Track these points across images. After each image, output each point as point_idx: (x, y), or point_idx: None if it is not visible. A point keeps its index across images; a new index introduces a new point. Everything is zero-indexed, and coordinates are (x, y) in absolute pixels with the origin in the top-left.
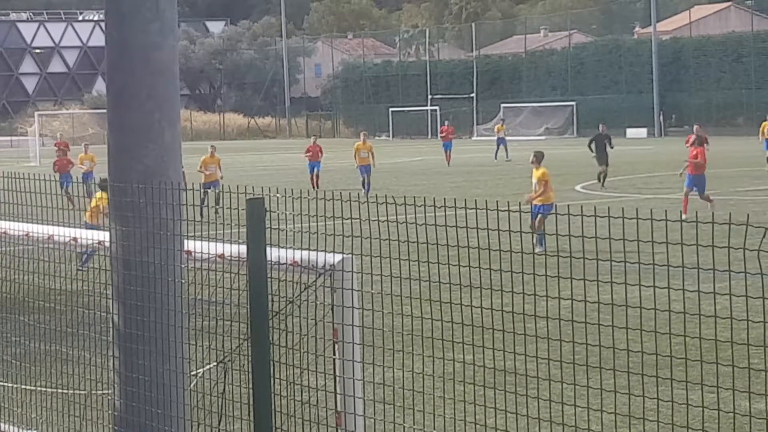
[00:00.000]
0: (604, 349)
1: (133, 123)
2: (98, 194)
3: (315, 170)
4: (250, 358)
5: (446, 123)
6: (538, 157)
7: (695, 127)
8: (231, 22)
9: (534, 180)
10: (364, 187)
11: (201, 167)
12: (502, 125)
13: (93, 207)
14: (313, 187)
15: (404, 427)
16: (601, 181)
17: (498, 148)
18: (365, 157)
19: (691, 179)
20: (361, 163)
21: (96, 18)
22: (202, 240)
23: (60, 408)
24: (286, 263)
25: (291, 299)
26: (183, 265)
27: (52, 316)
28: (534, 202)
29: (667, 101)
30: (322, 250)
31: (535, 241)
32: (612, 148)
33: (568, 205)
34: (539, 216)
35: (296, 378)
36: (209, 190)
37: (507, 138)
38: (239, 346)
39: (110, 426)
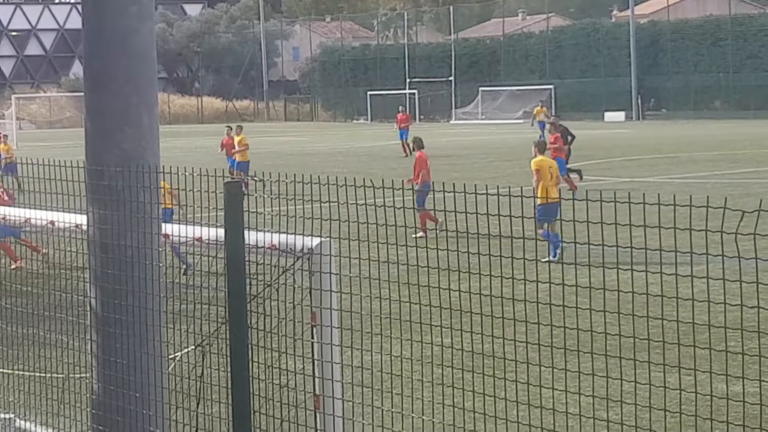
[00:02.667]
0: (581, 332)
1: (111, 107)
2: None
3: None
4: (228, 342)
5: (401, 109)
6: (540, 147)
7: (553, 117)
8: (208, 5)
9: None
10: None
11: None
12: (541, 107)
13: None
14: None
15: (382, 410)
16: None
17: (543, 132)
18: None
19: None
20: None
21: (73, 1)
22: (179, 223)
23: (37, 392)
24: (264, 247)
25: (269, 283)
26: (161, 249)
27: (29, 300)
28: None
29: (645, 85)
30: (300, 234)
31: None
32: (572, 141)
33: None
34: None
35: (274, 361)
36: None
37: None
38: (217, 329)
39: (88, 409)
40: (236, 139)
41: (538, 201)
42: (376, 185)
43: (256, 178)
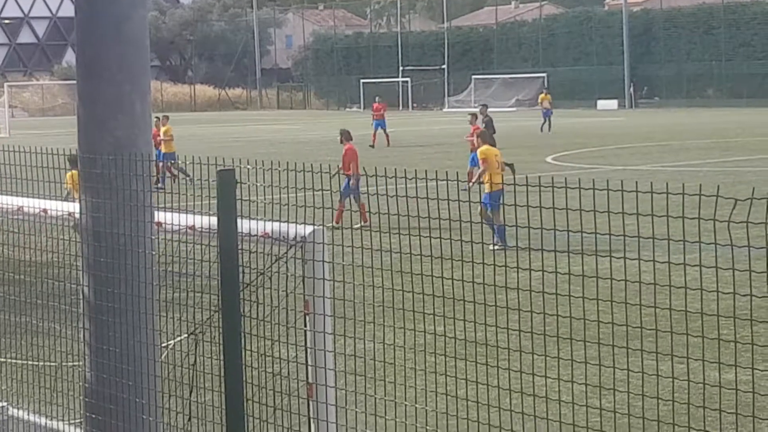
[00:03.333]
0: (574, 320)
1: (104, 94)
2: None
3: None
4: (220, 330)
5: (377, 99)
6: (483, 137)
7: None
8: None
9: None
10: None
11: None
12: (546, 93)
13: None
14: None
15: (375, 398)
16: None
17: (544, 121)
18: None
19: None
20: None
21: None
22: (172, 211)
23: (30, 380)
24: (256, 235)
25: (262, 271)
26: (153, 237)
27: (21, 288)
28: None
29: (637, 73)
30: (293, 222)
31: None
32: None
33: (539, 177)
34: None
35: (267, 350)
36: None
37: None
38: (210, 317)
39: (81, 398)
40: (162, 129)
41: (486, 189)
42: (369, 173)
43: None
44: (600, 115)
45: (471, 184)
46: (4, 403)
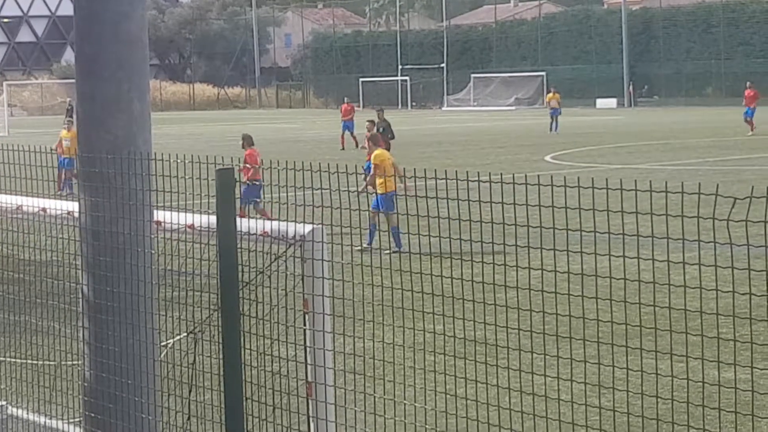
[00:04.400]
0: (573, 318)
1: (103, 93)
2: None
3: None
4: (220, 329)
5: (346, 100)
6: (374, 140)
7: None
8: None
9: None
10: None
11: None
12: (554, 93)
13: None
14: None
15: (374, 397)
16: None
17: (552, 120)
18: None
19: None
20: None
21: None
22: (171, 210)
23: (29, 379)
24: (256, 233)
25: (261, 270)
26: (153, 236)
27: (21, 287)
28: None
29: (636, 72)
30: (292, 221)
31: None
32: (393, 138)
33: (539, 176)
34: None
35: (266, 348)
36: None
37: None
38: (209, 316)
39: (80, 396)
40: (67, 134)
41: (379, 190)
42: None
43: (248, 165)
44: (599, 114)
45: (361, 189)
46: (4, 402)
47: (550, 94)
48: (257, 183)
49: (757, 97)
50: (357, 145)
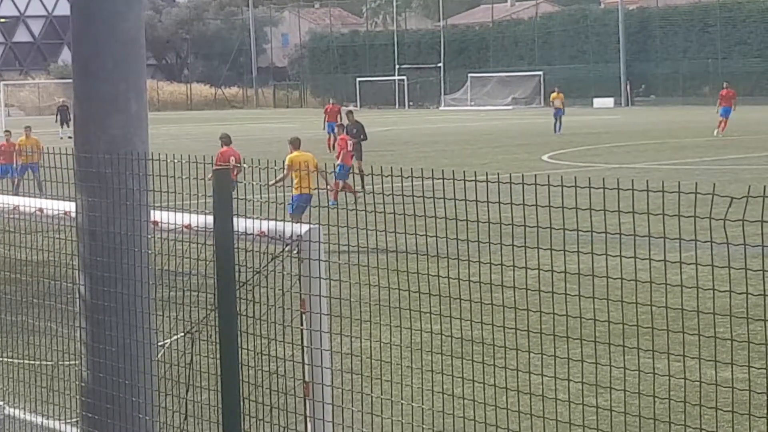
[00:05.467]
0: (570, 318)
1: (99, 93)
2: None
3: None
4: (217, 329)
5: (331, 101)
6: (294, 144)
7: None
8: None
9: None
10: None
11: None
12: (558, 92)
13: None
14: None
15: (372, 397)
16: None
17: (556, 120)
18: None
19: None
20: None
21: None
22: (168, 210)
23: (26, 379)
24: (253, 234)
25: (258, 270)
26: (150, 236)
27: (18, 287)
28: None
29: (633, 71)
30: (289, 221)
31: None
32: (365, 140)
33: (536, 175)
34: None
35: (264, 348)
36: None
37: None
38: (206, 316)
39: (77, 397)
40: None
41: (294, 191)
42: (365, 172)
43: (245, 165)
44: (596, 113)
45: (270, 184)
46: (1, 402)
47: (554, 94)
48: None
49: (733, 97)
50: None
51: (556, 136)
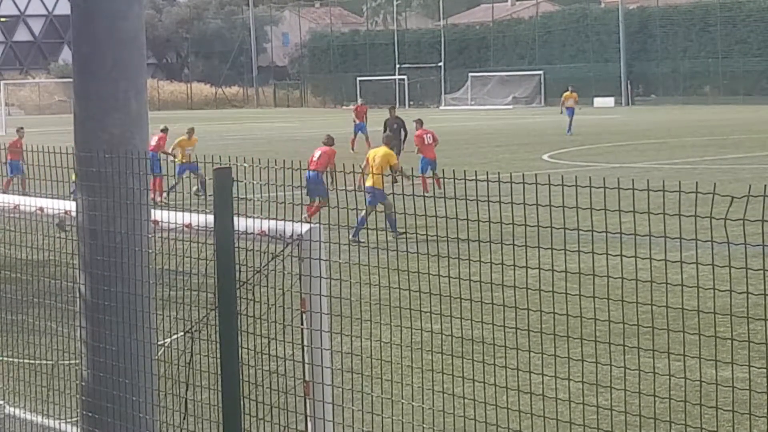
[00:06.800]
0: (571, 318)
1: (99, 91)
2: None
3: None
4: (217, 328)
5: (360, 101)
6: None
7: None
8: None
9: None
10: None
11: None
12: (571, 92)
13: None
14: None
15: (372, 396)
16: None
17: (571, 120)
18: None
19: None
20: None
21: None
22: (168, 209)
23: (27, 378)
24: (253, 233)
25: (258, 269)
26: (150, 235)
27: (18, 286)
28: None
29: (634, 70)
30: (289, 220)
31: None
32: (406, 135)
33: (536, 174)
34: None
35: (264, 347)
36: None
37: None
38: (206, 315)
39: (77, 396)
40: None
41: (368, 183)
42: (366, 171)
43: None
44: (596, 113)
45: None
46: (1, 402)
47: (567, 93)
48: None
49: None
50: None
51: (552, 134)
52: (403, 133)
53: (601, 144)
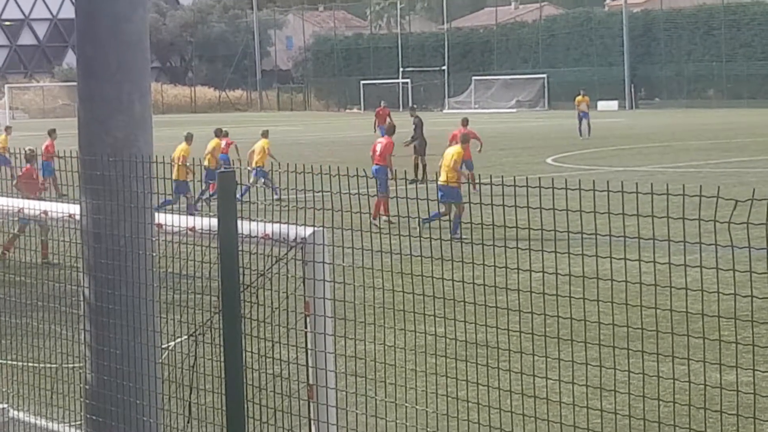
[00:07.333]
0: (575, 321)
1: (103, 94)
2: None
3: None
4: (221, 332)
5: (383, 103)
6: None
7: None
8: None
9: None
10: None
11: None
12: (583, 95)
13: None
14: None
15: (376, 399)
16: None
17: (581, 123)
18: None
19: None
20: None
21: None
22: (173, 213)
23: (31, 382)
24: (257, 236)
25: (262, 272)
26: (154, 239)
27: (22, 290)
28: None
29: (638, 74)
30: (293, 223)
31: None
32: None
33: (540, 178)
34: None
35: (267, 351)
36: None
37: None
38: (210, 319)
39: (81, 399)
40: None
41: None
42: (369, 175)
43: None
44: (600, 116)
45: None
46: (5, 405)
47: (579, 97)
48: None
49: None
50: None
51: (548, 137)
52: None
53: (605, 147)
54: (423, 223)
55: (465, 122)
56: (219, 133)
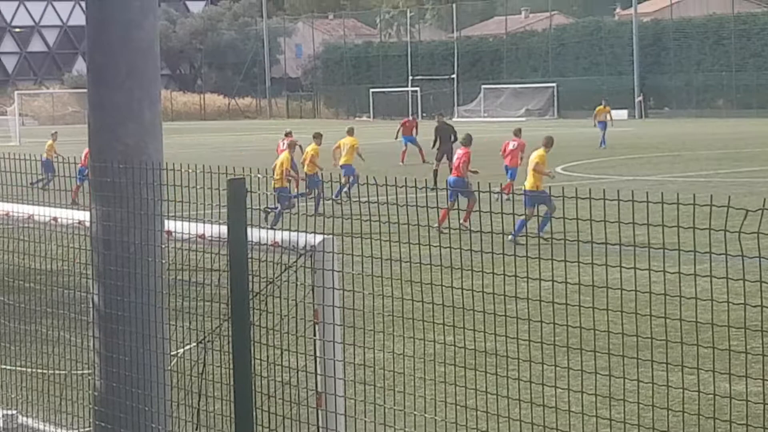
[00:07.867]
0: (584, 330)
1: (113, 101)
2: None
3: None
4: (230, 339)
5: (411, 115)
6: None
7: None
8: (211, 2)
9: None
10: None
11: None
12: (605, 106)
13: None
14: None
15: (385, 407)
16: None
17: (604, 133)
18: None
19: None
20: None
21: None
22: (182, 220)
23: (40, 388)
24: (266, 244)
25: (271, 280)
26: (163, 246)
27: (32, 296)
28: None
29: (647, 83)
30: (302, 231)
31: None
32: (455, 141)
33: (550, 187)
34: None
35: (277, 358)
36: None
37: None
38: (219, 326)
39: (90, 406)
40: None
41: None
42: (379, 183)
43: (259, 175)
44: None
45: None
46: (14, 411)
47: (601, 107)
48: None
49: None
50: (423, 159)
51: (567, 147)
52: (453, 137)
53: (615, 156)
54: (511, 239)
55: (518, 132)
56: (317, 137)
